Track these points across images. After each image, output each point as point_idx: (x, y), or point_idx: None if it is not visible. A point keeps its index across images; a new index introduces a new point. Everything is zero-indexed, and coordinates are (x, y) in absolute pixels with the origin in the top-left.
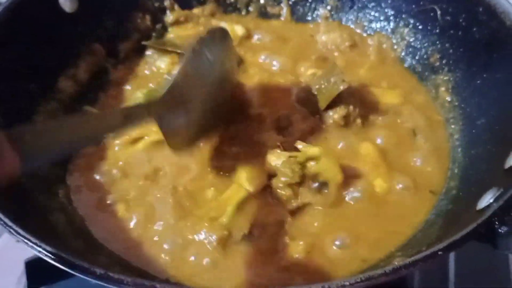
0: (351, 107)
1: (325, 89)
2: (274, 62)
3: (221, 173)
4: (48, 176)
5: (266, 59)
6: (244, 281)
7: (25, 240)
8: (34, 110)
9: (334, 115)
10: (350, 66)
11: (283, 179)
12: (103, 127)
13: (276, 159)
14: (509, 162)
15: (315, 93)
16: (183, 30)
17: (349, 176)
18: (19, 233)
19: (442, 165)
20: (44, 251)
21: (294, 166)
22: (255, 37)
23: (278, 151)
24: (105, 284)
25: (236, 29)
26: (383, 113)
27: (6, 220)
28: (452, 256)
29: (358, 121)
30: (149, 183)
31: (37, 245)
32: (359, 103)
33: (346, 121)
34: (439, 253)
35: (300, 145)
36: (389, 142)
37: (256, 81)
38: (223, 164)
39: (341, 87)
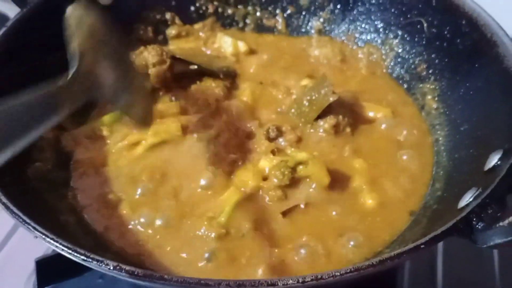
0: (340, 117)
1: (316, 100)
2: (268, 75)
3: (219, 177)
4: (56, 180)
5: (260, 72)
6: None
7: (43, 236)
8: None
9: (325, 125)
10: (340, 79)
11: (275, 180)
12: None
13: (268, 164)
14: (488, 165)
15: (306, 104)
16: (184, 43)
17: (336, 180)
18: (36, 229)
19: (427, 170)
20: (61, 246)
21: (284, 170)
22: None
23: (271, 156)
24: (117, 276)
25: (239, 45)
26: (371, 122)
27: (25, 218)
28: (440, 257)
29: (348, 130)
30: (151, 185)
31: (54, 240)
32: (349, 113)
33: (336, 130)
34: (422, 246)
35: (289, 150)
36: (376, 150)
37: (249, 93)
38: (221, 169)
39: (331, 99)
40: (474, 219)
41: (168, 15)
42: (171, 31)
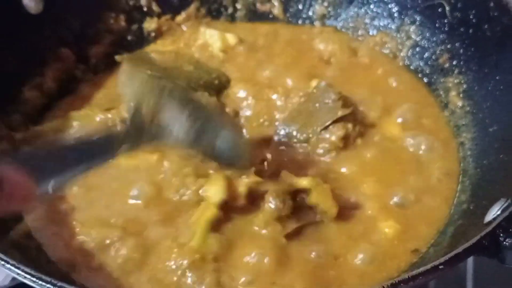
0: (349, 126)
1: (321, 112)
2: (264, 73)
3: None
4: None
5: (256, 69)
6: None
7: (2, 262)
8: None
9: (331, 137)
10: (348, 79)
11: (271, 206)
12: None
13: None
14: None
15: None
16: (162, 46)
17: (346, 208)
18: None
19: (451, 180)
20: (23, 273)
21: (282, 197)
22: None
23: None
24: None
25: (228, 38)
26: (383, 129)
27: None
28: (470, 278)
29: (359, 141)
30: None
31: (15, 267)
32: (359, 120)
33: (345, 142)
34: (440, 267)
35: (285, 175)
36: (390, 160)
37: (243, 96)
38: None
39: (339, 113)
40: (502, 234)
41: (143, 1)
42: (150, 25)
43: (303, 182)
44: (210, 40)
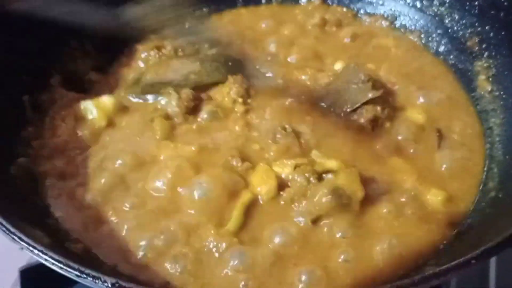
0: (378, 108)
1: (351, 92)
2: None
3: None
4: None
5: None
6: None
7: (30, 248)
8: None
9: (360, 119)
10: (373, 61)
11: (297, 186)
12: None
13: (282, 169)
14: None
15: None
16: None
17: (373, 192)
18: (22, 240)
19: (477, 166)
20: (51, 259)
21: (309, 175)
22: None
23: (285, 161)
24: None
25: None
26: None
27: (9, 226)
28: (493, 267)
29: (387, 124)
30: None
31: (43, 253)
32: (388, 103)
33: (374, 124)
34: (472, 261)
35: (316, 156)
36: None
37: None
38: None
39: (370, 95)
40: None
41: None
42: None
43: (332, 163)
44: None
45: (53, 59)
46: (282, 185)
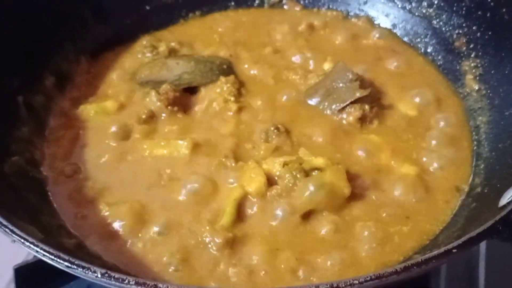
0: (366, 107)
1: (339, 91)
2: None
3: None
4: (36, 176)
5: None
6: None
7: (22, 240)
8: None
9: (349, 117)
10: (360, 61)
11: (285, 182)
12: None
13: (271, 167)
14: None
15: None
16: None
17: (358, 187)
18: (14, 232)
19: (465, 162)
20: (41, 251)
21: (296, 172)
22: None
23: (274, 159)
24: (106, 284)
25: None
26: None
27: (1, 219)
28: (482, 261)
29: (375, 122)
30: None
31: (34, 245)
32: (376, 102)
33: (362, 122)
34: (454, 251)
35: (303, 154)
36: (406, 141)
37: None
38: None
39: (358, 94)
40: None
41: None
42: None
43: (319, 161)
44: None
45: (47, 60)
46: (272, 182)
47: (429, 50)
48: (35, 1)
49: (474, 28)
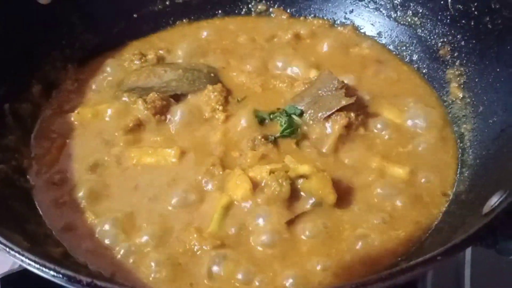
0: (352, 115)
1: (325, 99)
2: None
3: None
4: (23, 185)
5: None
6: None
7: (7, 249)
8: None
9: (335, 126)
10: (347, 70)
11: (272, 189)
12: None
13: (258, 174)
14: None
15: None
16: None
17: (345, 193)
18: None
19: (450, 169)
20: (27, 260)
21: (281, 180)
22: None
23: (260, 166)
24: None
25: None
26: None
27: None
28: (467, 269)
29: (361, 130)
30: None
31: (19, 254)
32: (362, 109)
33: (348, 130)
34: (438, 258)
35: (289, 161)
36: (392, 148)
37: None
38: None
39: (343, 102)
40: (499, 226)
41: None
42: None
43: (304, 168)
44: None
45: (34, 68)
46: (258, 189)
47: (414, 58)
48: (23, 9)
49: (458, 36)
